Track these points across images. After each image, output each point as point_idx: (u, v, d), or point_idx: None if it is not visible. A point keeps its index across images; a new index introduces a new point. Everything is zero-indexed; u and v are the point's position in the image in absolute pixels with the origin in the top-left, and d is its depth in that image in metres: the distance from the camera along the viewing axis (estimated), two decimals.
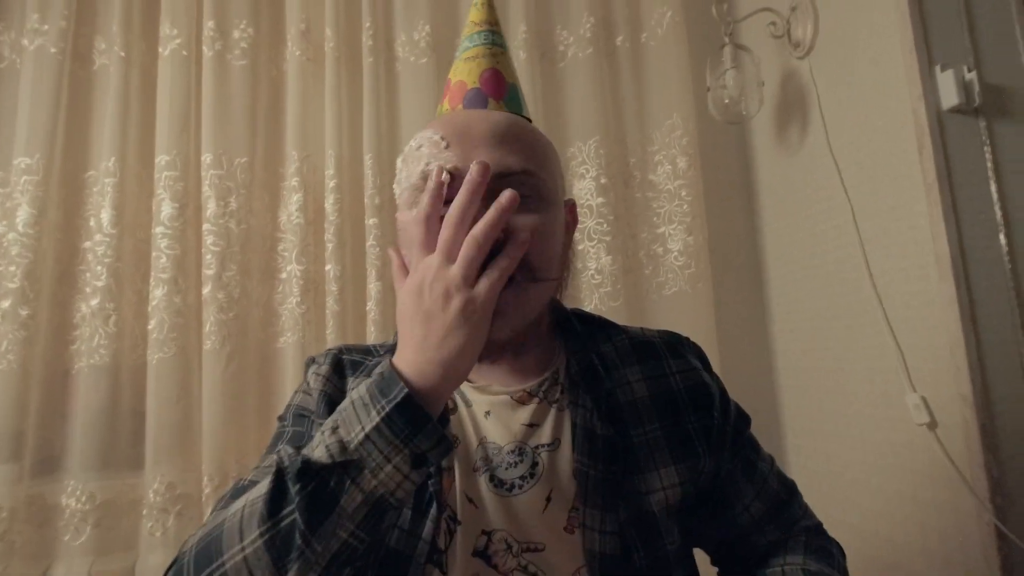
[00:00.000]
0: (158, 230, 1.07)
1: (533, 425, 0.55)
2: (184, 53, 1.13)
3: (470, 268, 0.42)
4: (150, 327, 1.04)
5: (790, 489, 0.64)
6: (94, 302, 1.04)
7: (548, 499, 0.52)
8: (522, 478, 0.52)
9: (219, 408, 1.02)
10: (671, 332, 0.66)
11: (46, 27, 1.09)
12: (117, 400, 1.06)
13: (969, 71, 0.97)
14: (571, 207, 0.61)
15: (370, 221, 1.13)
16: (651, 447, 0.55)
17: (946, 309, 0.92)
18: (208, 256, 1.07)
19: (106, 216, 1.06)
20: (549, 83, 1.30)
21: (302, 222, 1.12)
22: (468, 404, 0.57)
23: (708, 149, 1.33)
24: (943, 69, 0.97)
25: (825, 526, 0.66)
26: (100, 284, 1.04)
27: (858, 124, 1.11)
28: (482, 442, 0.55)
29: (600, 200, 1.24)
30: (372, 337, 1.07)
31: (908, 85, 0.99)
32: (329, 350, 0.63)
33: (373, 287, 1.10)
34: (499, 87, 0.58)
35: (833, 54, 1.17)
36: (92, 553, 0.99)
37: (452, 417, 0.56)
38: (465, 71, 0.58)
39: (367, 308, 1.10)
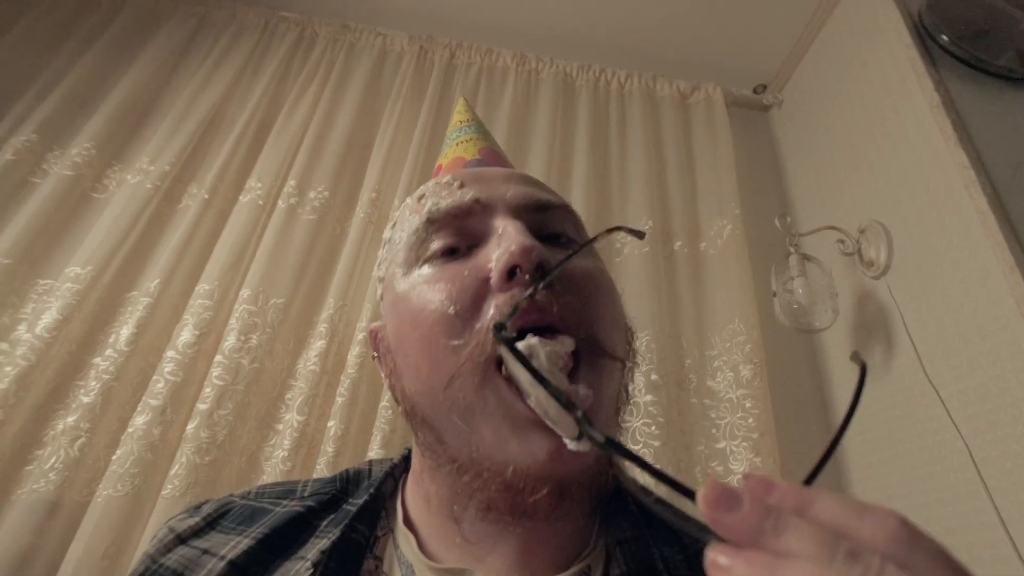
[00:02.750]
0: (168, 354, 1.00)
1: None
2: (260, 203, 1.21)
3: None
4: (115, 456, 0.91)
5: None
6: (71, 419, 0.94)
7: None
8: None
9: None
10: None
11: (152, 168, 1.22)
12: (37, 553, 0.86)
13: None
14: None
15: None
16: None
17: None
18: (208, 389, 0.97)
19: (125, 333, 1.02)
20: None
21: (316, 370, 1.03)
22: None
23: (775, 361, 1.19)
24: None
25: None
26: (86, 401, 0.95)
27: (959, 349, 0.96)
28: None
29: (649, 398, 1.08)
30: None
31: (1016, 304, 0.86)
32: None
33: (374, 455, 0.94)
34: (502, 162, 0.51)
35: (915, 275, 1.08)
36: None
37: None
38: (461, 150, 0.52)
39: None
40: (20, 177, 1.20)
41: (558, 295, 0.34)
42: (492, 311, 0.34)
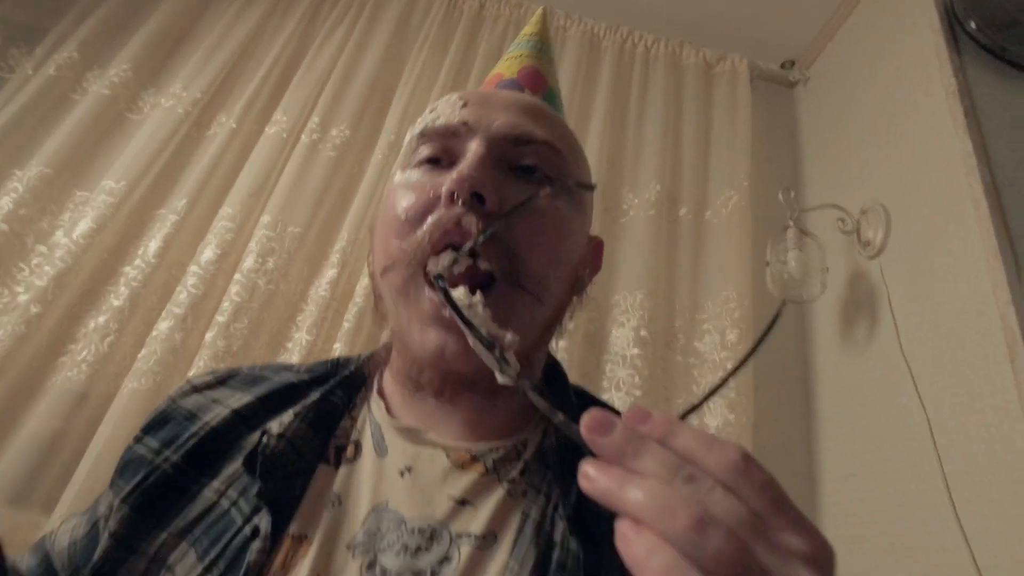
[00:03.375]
0: (191, 269, 1.08)
1: (465, 503, 0.39)
2: (284, 135, 1.26)
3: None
4: (140, 355, 1.00)
5: None
6: (101, 319, 1.03)
7: None
8: (417, 574, 0.36)
9: None
10: None
11: (184, 94, 1.28)
12: (66, 435, 0.97)
13: None
14: (596, 247, 0.52)
15: None
16: None
17: None
18: (226, 304, 1.05)
19: (153, 246, 1.10)
20: (606, 234, 1.31)
21: (327, 296, 1.10)
22: (382, 451, 0.41)
23: (763, 329, 1.24)
24: None
25: None
26: (116, 304, 1.04)
27: (935, 331, 1.00)
28: (376, 509, 0.39)
29: (636, 351, 1.14)
30: None
31: (994, 291, 0.90)
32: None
33: None
34: (538, 83, 0.51)
35: (907, 258, 1.11)
36: None
37: (345, 468, 0.41)
38: (505, 66, 0.53)
39: None
40: (61, 93, 1.27)
41: (482, 222, 0.38)
42: (427, 225, 0.39)
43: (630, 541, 0.21)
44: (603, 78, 1.52)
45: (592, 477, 0.23)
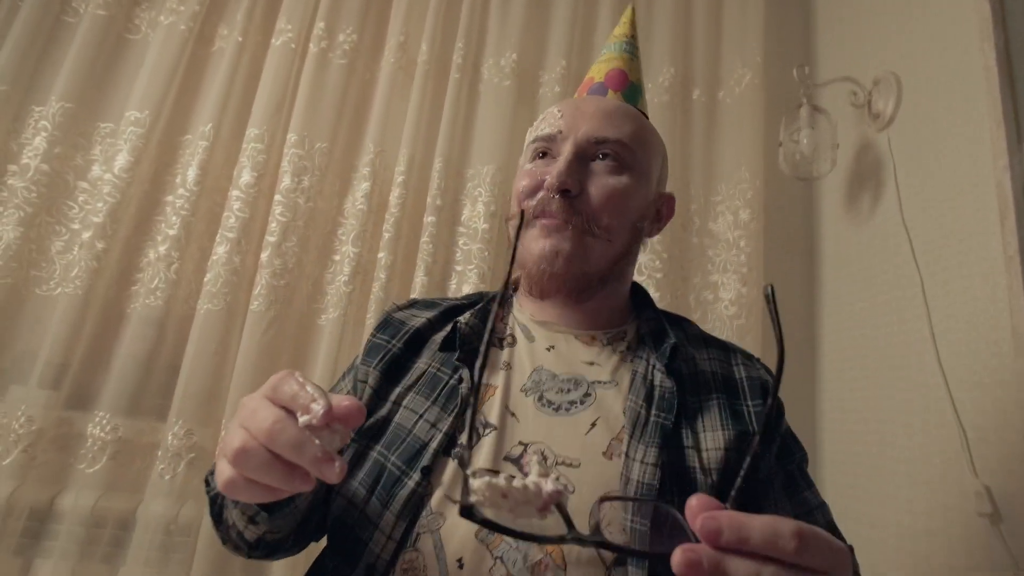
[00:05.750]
0: (234, 193, 1.13)
1: (593, 364, 0.59)
2: (292, 46, 1.24)
3: None
4: (206, 279, 1.09)
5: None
6: (162, 248, 1.10)
7: (593, 424, 0.54)
8: (571, 403, 0.56)
9: (250, 367, 1.04)
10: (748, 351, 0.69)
11: (182, 8, 1.23)
12: (158, 353, 1.09)
13: None
14: (668, 200, 0.69)
15: (428, 219, 1.17)
16: (704, 410, 0.56)
17: (1021, 391, 0.85)
18: (273, 224, 1.12)
19: (191, 174, 1.14)
20: None
21: (365, 209, 1.16)
22: (531, 339, 0.62)
23: (773, 207, 1.32)
24: None
25: None
26: (172, 233, 1.11)
27: (935, 198, 1.08)
28: (536, 369, 0.59)
29: (656, 237, 1.23)
30: None
31: (993, 158, 0.96)
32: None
33: (419, 280, 1.12)
34: (620, 81, 0.67)
35: (914, 129, 1.15)
36: (101, 487, 1.00)
37: (508, 349, 0.61)
38: (597, 70, 0.69)
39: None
40: (53, 15, 1.23)
41: (566, 203, 0.58)
42: (535, 200, 0.60)
43: None
44: None
45: None
